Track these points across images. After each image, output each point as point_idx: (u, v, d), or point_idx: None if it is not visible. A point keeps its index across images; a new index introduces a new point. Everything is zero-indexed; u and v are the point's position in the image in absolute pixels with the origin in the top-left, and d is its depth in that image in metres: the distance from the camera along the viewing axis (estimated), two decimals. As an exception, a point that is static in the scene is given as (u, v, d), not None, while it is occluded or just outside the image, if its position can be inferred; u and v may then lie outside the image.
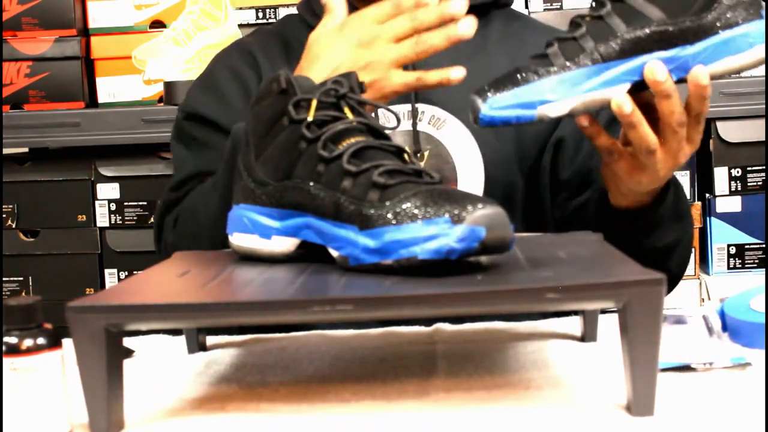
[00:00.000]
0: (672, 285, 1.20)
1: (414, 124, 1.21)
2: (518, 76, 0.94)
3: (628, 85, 0.93)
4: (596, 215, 1.13)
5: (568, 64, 0.93)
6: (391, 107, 0.93)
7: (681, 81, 0.94)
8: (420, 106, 1.21)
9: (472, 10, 1.26)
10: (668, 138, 0.97)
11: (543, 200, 1.24)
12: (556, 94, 0.93)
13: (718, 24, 0.92)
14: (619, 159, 1.00)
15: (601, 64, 0.93)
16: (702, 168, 1.84)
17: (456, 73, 1.01)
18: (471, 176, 1.21)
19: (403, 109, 1.21)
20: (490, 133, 1.21)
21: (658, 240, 1.10)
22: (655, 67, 0.92)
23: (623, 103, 0.93)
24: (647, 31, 0.92)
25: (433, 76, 1.03)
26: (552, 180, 1.23)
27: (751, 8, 0.92)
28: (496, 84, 0.94)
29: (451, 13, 0.99)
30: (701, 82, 0.93)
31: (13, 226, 1.89)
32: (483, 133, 1.21)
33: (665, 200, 1.07)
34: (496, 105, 0.93)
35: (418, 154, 1.21)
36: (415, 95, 1.20)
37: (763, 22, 0.93)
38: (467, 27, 0.99)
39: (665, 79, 0.92)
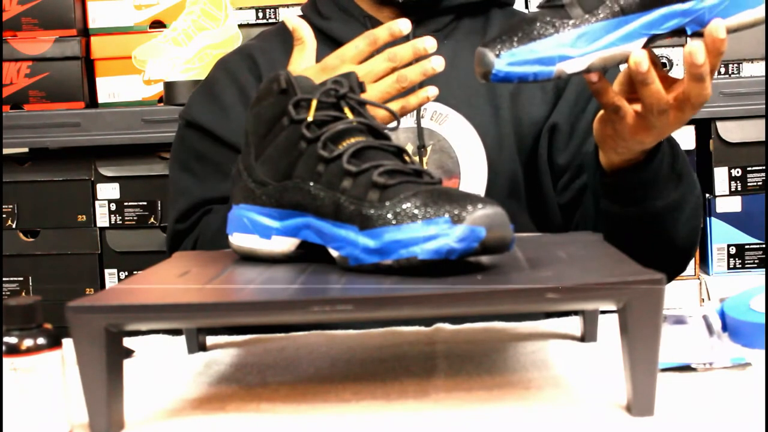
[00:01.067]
0: (684, 259, 1.19)
1: (417, 121, 1.23)
2: (533, 28, 0.88)
3: (644, 40, 0.90)
4: (591, 178, 1.11)
5: (586, 16, 0.89)
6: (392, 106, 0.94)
7: (696, 35, 0.91)
8: None
9: (471, 6, 1.29)
10: (685, 109, 0.95)
11: (544, 187, 1.25)
12: (576, 49, 0.88)
13: None
14: (624, 117, 0.97)
15: (621, 18, 0.89)
16: (702, 168, 1.84)
17: (432, 91, 1.07)
18: (474, 169, 1.23)
19: None
20: (491, 125, 1.23)
21: (657, 199, 1.07)
22: (696, 49, 0.90)
23: (642, 60, 0.90)
24: None
25: (413, 101, 1.08)
26: (551, 166, 1.25)
27: None
28: (507, 36, 0.89)
29: (425, 48, 1.06)
30: (719, 36, 0.90)
31: (13, 226, 1.89)
32: (484, 126, 1.23)
33: (657, 156, 1.05)
34: (513, 60, 0.88)
35: (422, 149, 1.22)
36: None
37: None
38: (438, 62, 1.06)
39: (703, 62, 0.90)
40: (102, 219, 1.89)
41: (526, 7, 1.85)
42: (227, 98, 1.28)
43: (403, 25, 1.07)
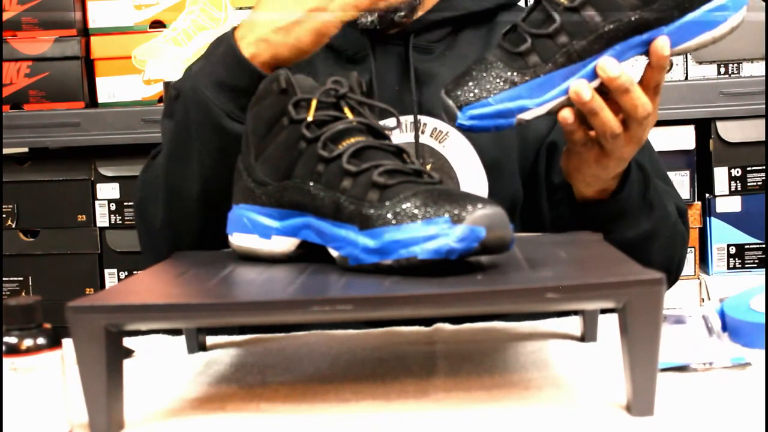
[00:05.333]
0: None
1: (416, 137, 1.18)
2: (488, 80, 0.90)
3: (599, 80, 0.91)
4: (568, 212, 1.11)
5: (545, 66, 0.90)
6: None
7: (644, 53, 0.92)
8: (422, 118, 1.18)
9: (475, 16, 1.24)
10: (633, 128, 0.95)
11: (541, 205, 1.21)
12: (534, 99, 0.90)
13: (694, 1, 0.89)
14: (592, 147, 0.99)
15: (578, 63, 0.90)
16: (702, 168, 1.84)
17: None
18: (474, 191, 1.16)
19: (406, 120, 1.18)
20: (493, 145, 1.18)
21: (629, 230, 1.07)
22: (606, 64, 0.90)
23: (581, 89, 0.90)
24: (624, 21, 0.89)
25: None
26: (547, 184, 1.21)
27: None
28: (467, 86, 0.91)
29: None
30: (663, 53, 0.90)
31: (13, 226, 1.89)
32: (486, 147, 1.18)
33: (626, 185, 1.05)
34: (474, 114, 0.91)
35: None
36: (417, 107, 1.18)
37: None
38: None
39: (619, 73, 0.90)
40: (102, 219, 1.89)
41: (525, 6, 1.85)
42: None
43: None
